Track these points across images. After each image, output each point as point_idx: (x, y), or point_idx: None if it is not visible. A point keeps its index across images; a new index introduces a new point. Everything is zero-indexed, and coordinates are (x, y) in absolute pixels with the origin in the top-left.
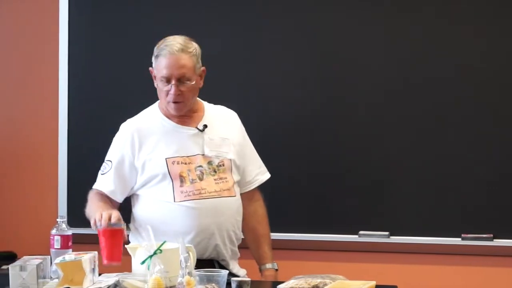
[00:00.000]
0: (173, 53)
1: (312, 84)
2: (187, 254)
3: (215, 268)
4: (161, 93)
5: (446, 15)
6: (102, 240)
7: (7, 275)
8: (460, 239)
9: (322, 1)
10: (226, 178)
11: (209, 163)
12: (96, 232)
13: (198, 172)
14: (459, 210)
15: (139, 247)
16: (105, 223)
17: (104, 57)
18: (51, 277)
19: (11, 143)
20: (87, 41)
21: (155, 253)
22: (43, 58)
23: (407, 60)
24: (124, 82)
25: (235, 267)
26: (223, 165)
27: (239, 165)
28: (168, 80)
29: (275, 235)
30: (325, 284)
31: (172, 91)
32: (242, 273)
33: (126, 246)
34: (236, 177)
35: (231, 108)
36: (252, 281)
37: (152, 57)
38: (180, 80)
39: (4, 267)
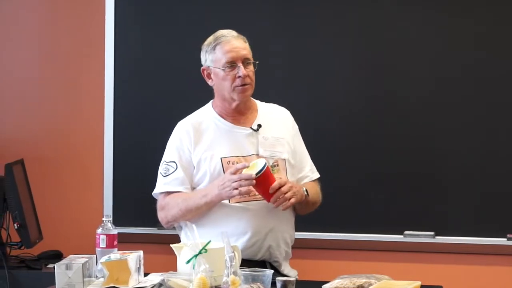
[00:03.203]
0: (232, 37)
1: (360, 83)
2: (232, 254)
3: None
4: (225, 82)
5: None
6: (263, 186)
7: (53, 274)
8: (505, 239)
9: None
10: (280, 178)
11: None
12: None
13: None
14: (504, 210)
15: (184, 247)
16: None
17: (150, 57)
18: (96, 276)
19: (57, 144)
20: (134, 40)
21: (200, 252)
22: (89, 59)
23: (460, 59)
24: (170, 83)
25: (286, 268)
26: (277, 165)
27: (294, 164)
28: (233, 65)
29: (321, 235)
30: (370, 284)
31: (240, 73)
32: (293, 273)
33: (171, 245)
34: (291, 177)
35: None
36: (299, 281)
37: (203, 55)
38: (244, 62)
39: (50, 266)
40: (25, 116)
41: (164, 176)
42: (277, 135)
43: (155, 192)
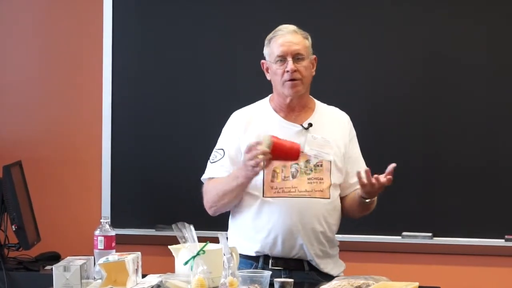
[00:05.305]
0: (288, 32)
1: (357, 84)
2: (230, 255)
3: (304, 268)
4: (276, 77)
5: None
6: (279, 154)
7: (51, 275)
8: (503, 240)
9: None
10: (322, 179)
11: (307, 161)
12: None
13: (293, 170)
14: (502, 211)
15: (182, 248)
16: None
17: (149, 58)
18: (94, 278)
19: (55, 145)
20: (132, 42)
21: (198, 253)
22: (87, 60)
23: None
24: (169, 84)
25: (327, 266)
26: (321, 165)
27: (341, 168)
28: (283, 59)
29: None
30: (368, 285)
31: (288, 67)
32: (336, 271)
33: (169, 247)
34: (336, 179)
35: None
36: (296, 283)
37: (264, 49)
38: (295, 57)
39: (48, 267)
40: (23, 118)
41: (212, 163)
42: (328, 137)
43: (202, 178)
